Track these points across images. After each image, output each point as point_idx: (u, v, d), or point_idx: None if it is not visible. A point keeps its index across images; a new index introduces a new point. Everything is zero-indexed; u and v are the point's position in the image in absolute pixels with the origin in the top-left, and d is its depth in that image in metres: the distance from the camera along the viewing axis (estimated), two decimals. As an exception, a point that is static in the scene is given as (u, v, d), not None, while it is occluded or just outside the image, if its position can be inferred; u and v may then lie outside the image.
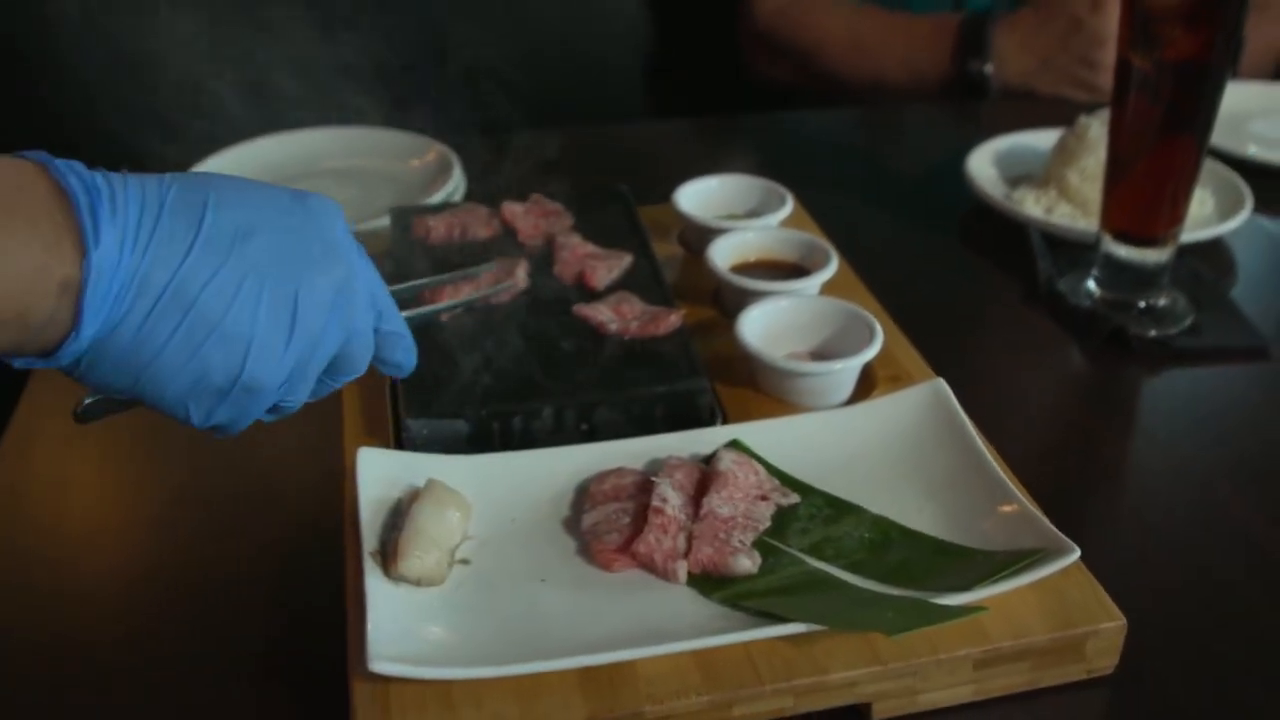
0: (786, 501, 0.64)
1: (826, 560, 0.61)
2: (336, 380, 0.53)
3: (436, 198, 1.02)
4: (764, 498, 0.64)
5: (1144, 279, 0.89)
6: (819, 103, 1.46)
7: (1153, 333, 0.87)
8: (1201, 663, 0.61)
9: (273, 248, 0.47)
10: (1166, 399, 0.83)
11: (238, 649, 0.63)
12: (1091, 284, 0.91)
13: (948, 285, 0.98)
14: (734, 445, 0.67)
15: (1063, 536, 0.58)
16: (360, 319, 0.51)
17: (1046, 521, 0.60)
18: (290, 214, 0.48)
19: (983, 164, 1.10)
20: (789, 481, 0.66)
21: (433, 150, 1.10)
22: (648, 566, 0.60)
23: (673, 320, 0.75)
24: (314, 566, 0.66)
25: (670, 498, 0.62)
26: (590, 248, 0.82)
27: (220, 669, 0.61)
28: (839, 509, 0.64)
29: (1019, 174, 1.10)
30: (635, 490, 0.64)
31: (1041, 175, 1.05)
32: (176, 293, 0.45)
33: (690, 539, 0.61)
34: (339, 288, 0.49)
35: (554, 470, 0.66)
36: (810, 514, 0.64)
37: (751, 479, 0.65)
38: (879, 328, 0.74)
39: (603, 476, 0.65)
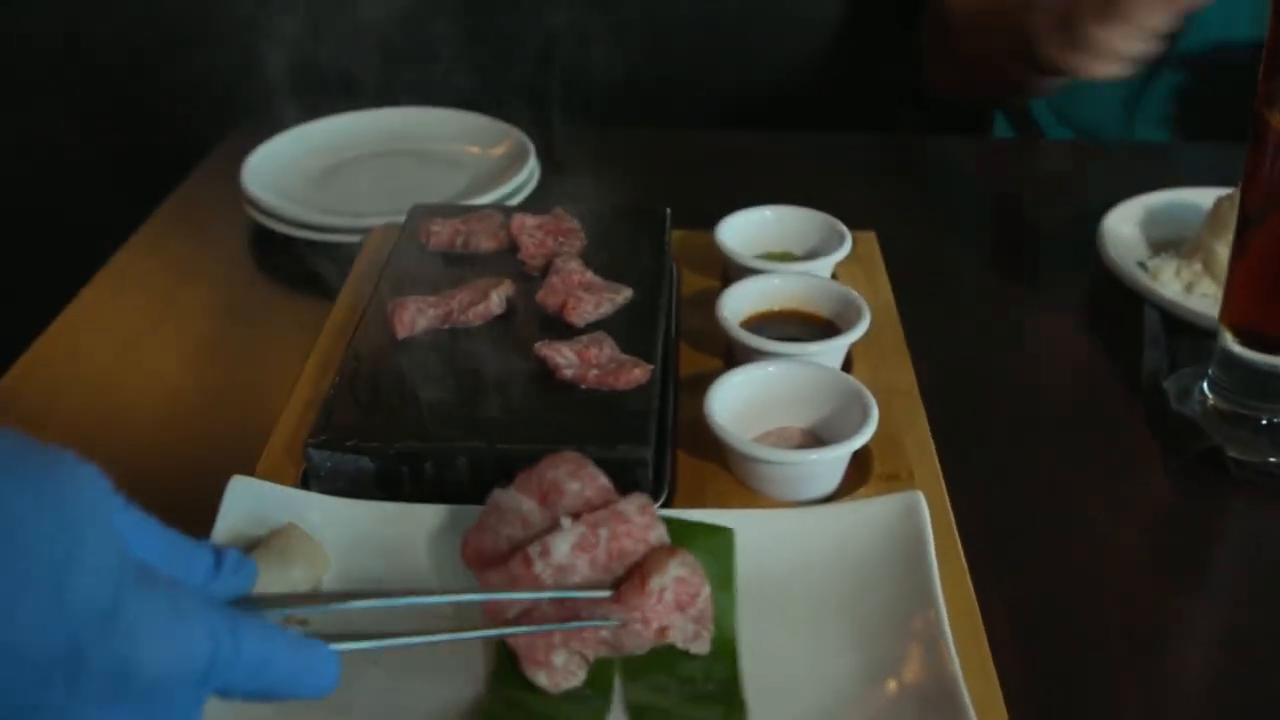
0: (692, 646, 0.52)
1: None
2: None
3: (505, 189, 0.96)
4: (664, 630, 0.52)
5: (1268, 390, 0.71)
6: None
7: (1271, 459, 0.70)
8: None
9: None
10: (1249, 548, 0.66)
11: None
12: (1205, 386, 0.74)
13: (1030, 365, 0.82)
14: (688, 548, 0.54)
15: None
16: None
17: (970, 713, 0.47)
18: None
19: (1124, 220, 0.92)
20: (720, 620, 0.53)
21: (510, 138, 1.03)
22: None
23: (637, 374, 0.65)
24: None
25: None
26: (588, 276, 0.73)
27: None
28: (717, 700, 0.51)
29: (1170, 237, 0.92)
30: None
31: (1190, 244, 0.87)
32: None
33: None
34: None
35: (436, 530, 0.58)
36: (687, 678, 0.52)
37: (685, 596, 0.52)
38: (875, 414, 0.62)
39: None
